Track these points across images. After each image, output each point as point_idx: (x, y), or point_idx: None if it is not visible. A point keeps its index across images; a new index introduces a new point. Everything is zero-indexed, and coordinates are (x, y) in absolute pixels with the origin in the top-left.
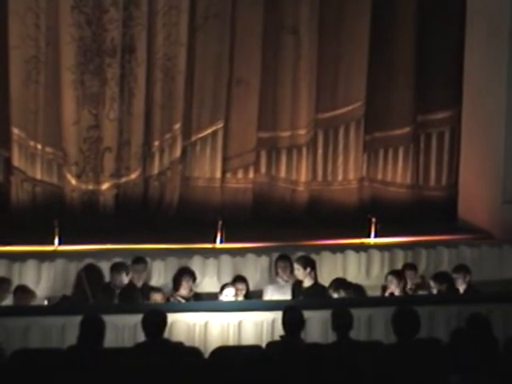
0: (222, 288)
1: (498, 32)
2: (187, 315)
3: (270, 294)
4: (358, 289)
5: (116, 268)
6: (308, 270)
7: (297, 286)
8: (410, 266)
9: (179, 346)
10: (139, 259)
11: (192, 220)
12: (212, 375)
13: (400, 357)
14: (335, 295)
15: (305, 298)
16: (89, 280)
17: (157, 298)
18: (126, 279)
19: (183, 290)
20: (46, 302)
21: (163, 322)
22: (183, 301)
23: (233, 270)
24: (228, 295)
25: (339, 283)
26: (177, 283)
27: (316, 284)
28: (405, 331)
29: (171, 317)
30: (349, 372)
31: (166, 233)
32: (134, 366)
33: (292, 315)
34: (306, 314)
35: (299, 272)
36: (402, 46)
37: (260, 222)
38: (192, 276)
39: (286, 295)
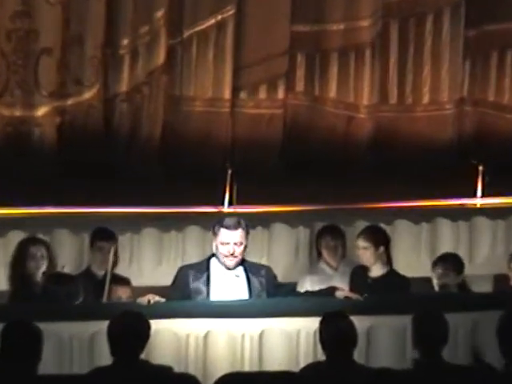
0: None
1: None
2: (176, 322)
3: (311, 289)
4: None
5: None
6: (381, 249)
7: (359, 273)
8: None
9: (166, 371)
10: (104, 232)
11: (184, 168)
12: None
13: None
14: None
15: (374, 295)
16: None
17: (121, 294)
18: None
19: None
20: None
21: (144, 331)
22: None
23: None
24: None
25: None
26: None
27: (392, 272)
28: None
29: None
30: None
31: (141, 188)
32: None
33: (335, 327)
34: (374, 320)
35: (366, 253)
36: None
37: (294, 171)
38: None
39: None
